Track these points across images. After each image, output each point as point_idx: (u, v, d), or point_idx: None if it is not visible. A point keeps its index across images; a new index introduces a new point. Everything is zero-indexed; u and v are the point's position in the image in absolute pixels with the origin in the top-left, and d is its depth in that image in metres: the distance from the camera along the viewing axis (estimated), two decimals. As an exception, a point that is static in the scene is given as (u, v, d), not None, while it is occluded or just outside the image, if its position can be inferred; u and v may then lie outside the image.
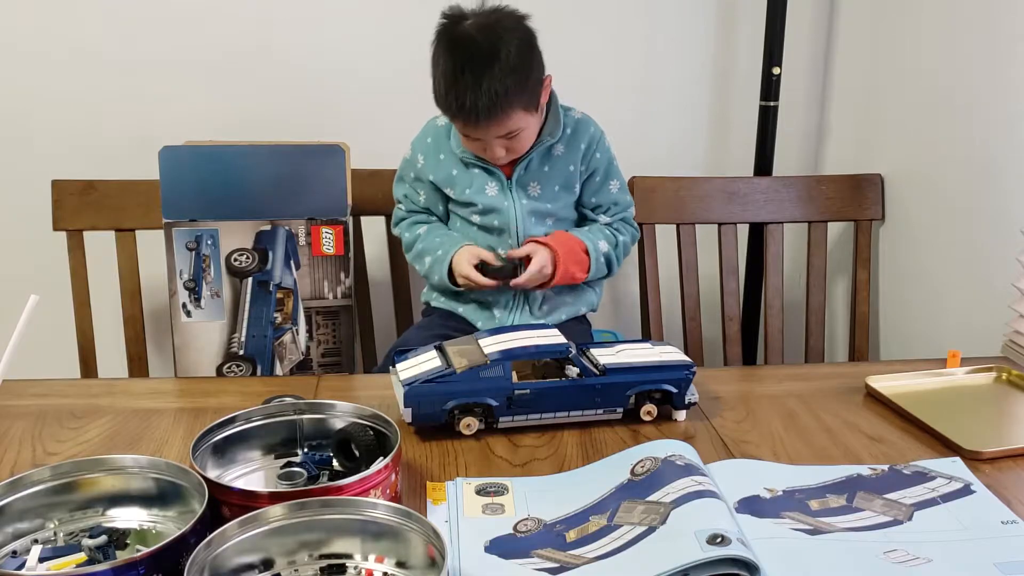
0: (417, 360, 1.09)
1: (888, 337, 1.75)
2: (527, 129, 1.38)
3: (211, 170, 1.40)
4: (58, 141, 1.79)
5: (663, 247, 1.72)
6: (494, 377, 1.05)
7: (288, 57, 1.81)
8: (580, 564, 0.80)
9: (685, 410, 1.11)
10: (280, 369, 1.46)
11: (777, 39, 1.78)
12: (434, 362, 1.07)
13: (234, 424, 0.94)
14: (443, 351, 1.10)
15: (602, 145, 1.51)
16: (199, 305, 1.42)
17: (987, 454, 1.01)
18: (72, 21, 1.75)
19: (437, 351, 1.10)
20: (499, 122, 1.33)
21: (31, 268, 1.71)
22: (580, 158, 1.48)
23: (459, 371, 1.04)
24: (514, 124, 1.35)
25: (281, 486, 0.89)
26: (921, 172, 1.65)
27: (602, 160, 1.51)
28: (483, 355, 1.06)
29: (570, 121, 1.48)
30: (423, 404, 1.03)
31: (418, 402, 1.03)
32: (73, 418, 1.11)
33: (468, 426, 1.05)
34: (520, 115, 1.35)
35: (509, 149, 1.40)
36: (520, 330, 1.13)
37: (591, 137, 1.49)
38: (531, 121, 1.38)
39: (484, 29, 1.31)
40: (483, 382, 1.04)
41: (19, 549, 0.80)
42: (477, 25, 1.32)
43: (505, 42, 1.30)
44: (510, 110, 1.32)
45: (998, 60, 1.41)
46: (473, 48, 1.30)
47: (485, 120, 1.32)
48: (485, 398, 1.05)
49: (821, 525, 0.87)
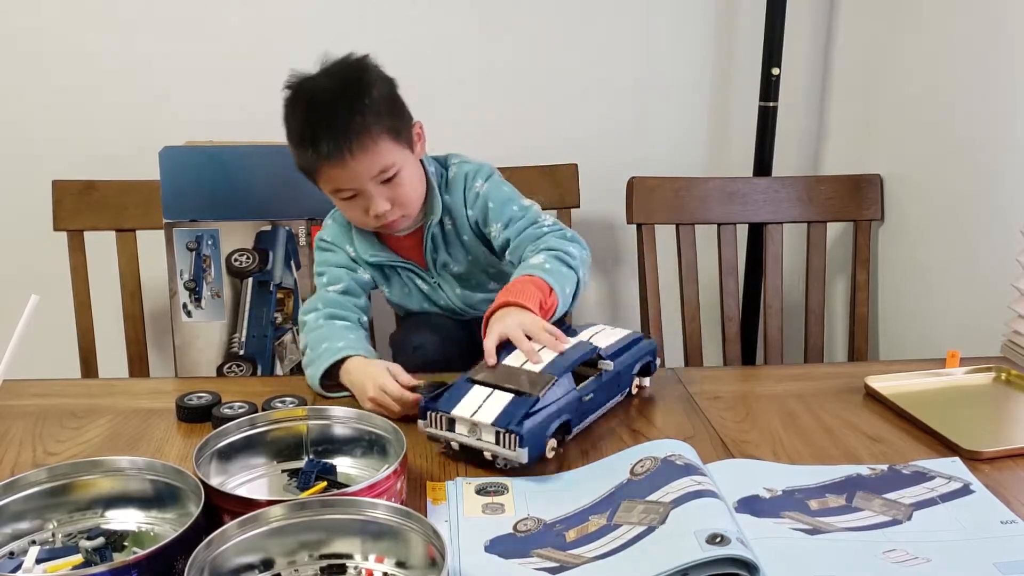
0: (472, 401, 0.99)
1: (887, 337, 1.75)
2: (404, 169, 1.22)
3: (211, 170, 1.40)
4: (58, 141, 1.79)
5: (662, 247, 1.72)
6: (568, 391, 1.02)
7: (288, 57, 1.80)
8: (580, 564, 0.80)
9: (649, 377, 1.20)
10: (280, 369, 1.46)
11: (776, 40, 1.78)
12: (501, 396, 0.99)
13: (237, 430, 0.94)
14: (488, 384, 1.02)
15: (471, 190, 1.32)
16: (199, 305, 1.42)
17: (986, 454, 1.01)
18: (72, 21, 1.75)
19: (481, 385, 1.02)
20: (365, 152, 1.18)
21: (31, 268, 1.71)
22: (466, 222, 1.32)
23: (542, 395, 0.98)
24: (385, 157, 1.20)
25: (288, 493, 0.89)
26: (920, 173, 1.65)
27: (479, 203, 1.31)
28: (538, 374, 1.01)
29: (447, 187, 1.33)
30: (535, 438, 0.96)
31: (532, 439, 0.95)
32: (73, 418, 1.11)
33: (552, 449, 0.99)
34: (389, 145, 1.20)
35: (394, 201, 1.23)
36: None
37: (464, 190, 1.32)
38: (406, 159, 1.23)
39: (332, 75, 1.23)
40: (565, 399, 1.01)
41: (17, 550, 0.80)
42: (325, 72, 1.24)
43: (358, 77, 1.22)
44: (376, 138, 1.18)
45: (998, 60, 1.42)
46: (327, 91, 1.21)
47: (349, 152, 1.17)
48: (566, 415, 1.01)
49: (820, 525, 0.87)
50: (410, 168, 1.25)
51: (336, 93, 1.20)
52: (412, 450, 1.01)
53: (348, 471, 0.95)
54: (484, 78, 1.83)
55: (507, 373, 1.03)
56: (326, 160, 1.18)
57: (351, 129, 1.17)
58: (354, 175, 1.20)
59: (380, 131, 1.19)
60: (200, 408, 1.10)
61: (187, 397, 1.12)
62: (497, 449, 0.96)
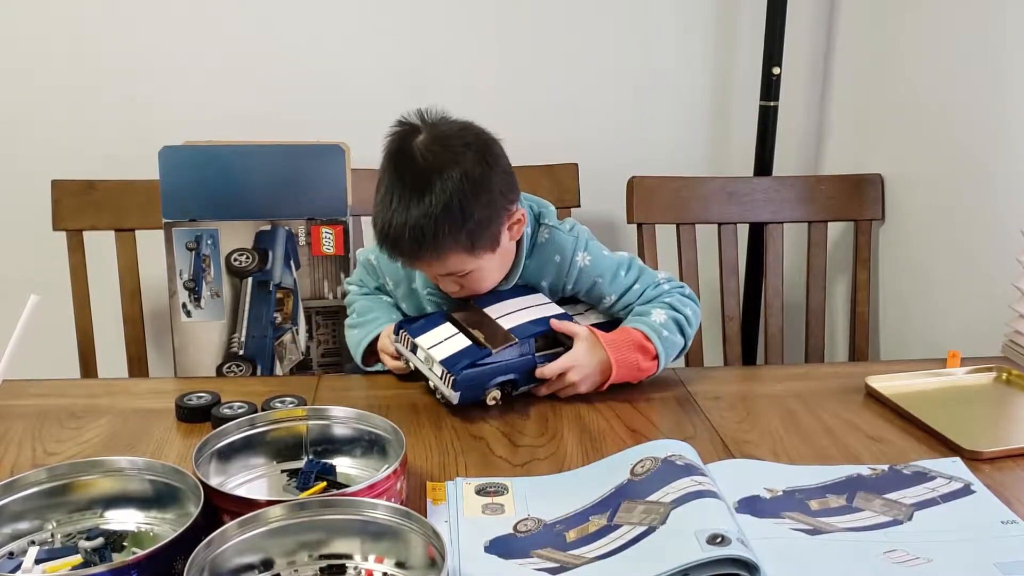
0: (437, 335, 1.12)
1: (888, 337, 1.75)
2: (480, 270, 1.15)
3: (211, 170, 1.40)
4: (58, 141, 1.79)
5: (663, 247, 1.72)
6: (523, 355, 1.10)
7: (288, 57, 1.81)
8: (580, 564, 0.80)
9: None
10: (280, 369, 1.46)
11: (777, 39, 1.78)
12: (460, 339, 1.10)
13: (237, 430, 0.94)
14: (458, 324, 1.13)
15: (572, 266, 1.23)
16: (199, 305, 1.42)
17: (987, 454, 1.01)
18: (72, 21, 1.75)
19: (452, 323, 1.13)
20: (430, 262, 1.12)
21: (31, 268, 1.71)
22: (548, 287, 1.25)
23: (495, 351, 1.09)
24: (454, 267, 1.13)
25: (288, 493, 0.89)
26: (921, 172, 1.65)
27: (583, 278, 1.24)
28: (504, 332, 1.10)
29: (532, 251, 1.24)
30: (470, 388, 1.08)
31: (467, 387, 1.07)
32: (73, 418, 1.11)
33: (494, 399, 1.10)
34: (461, 258, 1.12)
35: (464, 287, 1.18)
36: (514, 297, 1.17)
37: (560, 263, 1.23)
38: (481, 263, 1.14)
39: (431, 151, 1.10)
40: (517, 361, 1.10)
41: (16, 550, 0.80)
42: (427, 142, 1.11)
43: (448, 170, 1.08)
44: (442, 252, 1.10)
45: (998, 60, 1.41)
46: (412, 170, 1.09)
47: (412, 255, 1.12)
48: (513, 375, 1.10)
49: (821, 525, 0.87)
50: (489, 267, 1.17)
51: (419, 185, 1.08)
52: (412, 450, 1.01)
53: (348, 471, 0.95)
54: (484, 78, 1.83)
55: (479, 320, 1.13)
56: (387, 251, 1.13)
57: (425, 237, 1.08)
58: (418, 267, 1.18)
59: (454, 246, 1.10)
60: (199, 408, 1.10)
61: (186, 397, 1.12)
62: (439, 384, 1.09)
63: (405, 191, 1.09)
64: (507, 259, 1.21)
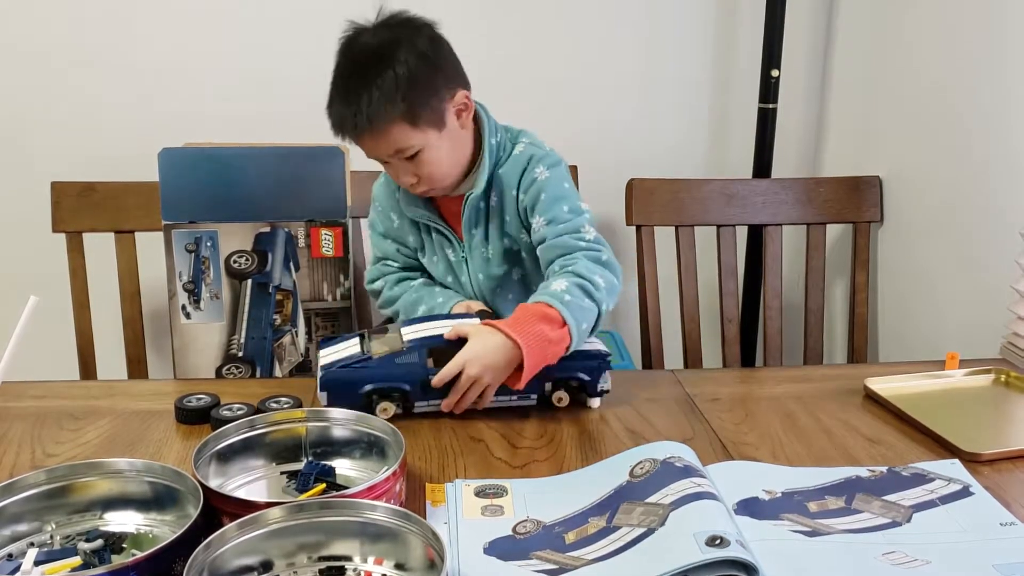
0: (339, 347, 1.13)
1: (887, 339, 1.75)
2: (428, 149, 1.20)
3: (210, 172, 1.40)
4: (58, 142, 1.79)
5: (662, 249, 1.72)
6: (409, 363, 1.09)
7: (288, 58, 1.81)
8: (579, 566, 0.80)
9: (599, 398, 1.14)
10: (279, 371, 1.46)
11: (776, 41, 1.78)
12: (353, 348, 1.11)
13: (236, 432, 0.94)
14: (365, 338, 1.14)
15: (530, 173, 1.26)
16: (198, 307, 1.42)
17: (986, 456, 1.01)
18: (72, 22, 1.75)
19: (360, 338, 1.14)
20: (375, 137, 1.18)
21: (30, 269, 1.71)
22: (515, 204, 1.28)
23: (375, 357, 1.09)
24: (398, 142, 1.18)
25: (287, 494, 0.89)
26: (919, 174, 1.65)
27: (533, 189, 1.25)
28: (401, 342, 1.10)
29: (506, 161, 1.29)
30: (340, 389, 1.08)
31: (334, 387, 1.08)
32: (72, 420, 1.11)
33: (384, 410, 1.09)
34: (403, 130, 1.17)
35: (419, 176, 1.22)
36: (443, 319, 1.17)
37: (523, 172, 1.27)
38: (429, 139, 1.19)
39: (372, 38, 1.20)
40: (399, 368, 1.09)
41: (15, 552, 0.80)
42: (372, 31, 1.21)
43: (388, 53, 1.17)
44: (388, 123, 1.16)
45: (997, 62, 1.42)
46: (356, 59, 1.19)
47: (359, 132, 1.18)
48: (400, 384, 1.09)
49: (820, 527, 0.87)
50: (437, 147, 1.21)
51: (361, 64, 1.18)
52: (411, 452, 1.01)
53: (347, 473, 0.95)
54: (484, 79, 1.82)
55: (384, 335, 1.14)
56: (336, 130, 1.21)
57: (361, 111, 1.16)
58: (369, 151, 1.23)
59: (393, 116, 1.17)
60: (199, 410, 1.10)
61: (186, 399, 1.12)
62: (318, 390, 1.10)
63: (348, 66, 1.19)
64: (459, 147, 1.25)
